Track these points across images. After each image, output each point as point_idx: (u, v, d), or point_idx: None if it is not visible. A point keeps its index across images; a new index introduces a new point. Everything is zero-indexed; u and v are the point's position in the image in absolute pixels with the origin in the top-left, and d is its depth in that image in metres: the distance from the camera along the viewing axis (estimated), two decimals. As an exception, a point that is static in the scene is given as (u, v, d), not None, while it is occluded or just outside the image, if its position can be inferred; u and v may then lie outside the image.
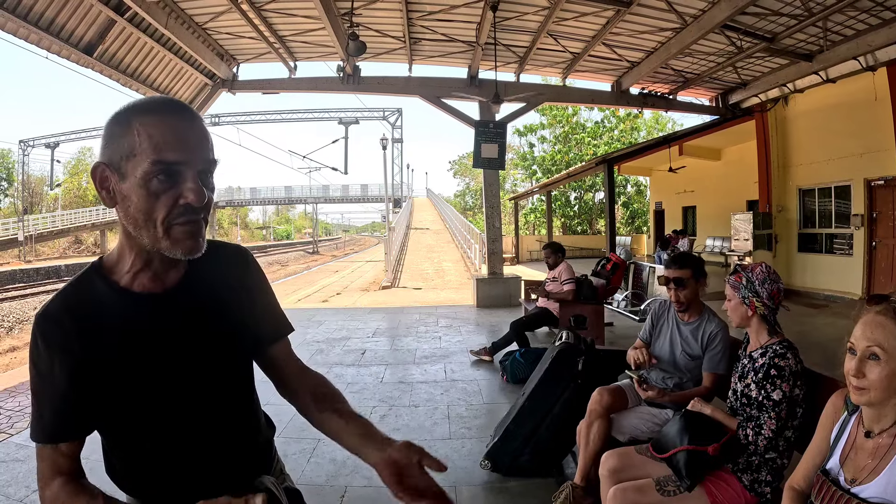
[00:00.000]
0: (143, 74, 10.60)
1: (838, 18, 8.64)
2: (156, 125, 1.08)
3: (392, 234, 22.75)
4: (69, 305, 1.15)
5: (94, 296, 1.17)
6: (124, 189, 1.09)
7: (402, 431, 4.60)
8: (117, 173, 1.09)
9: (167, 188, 1.09)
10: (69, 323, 1.13)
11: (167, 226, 1.10)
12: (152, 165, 1.06)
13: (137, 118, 1.08)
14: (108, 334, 1.15)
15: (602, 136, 38.86)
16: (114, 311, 1.17)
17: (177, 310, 1.23)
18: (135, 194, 1.08)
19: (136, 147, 1.07)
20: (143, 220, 1.09)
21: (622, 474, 2.60)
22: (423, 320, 9.89)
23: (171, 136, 1.08)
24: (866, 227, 11.07)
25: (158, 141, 1.07)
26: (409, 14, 9.48)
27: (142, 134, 1.07)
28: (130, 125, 1.08)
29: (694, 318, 3.17)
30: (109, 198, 1.12)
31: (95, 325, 1.14)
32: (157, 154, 1.07)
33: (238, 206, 73.55)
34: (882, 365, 1.52)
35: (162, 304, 1.22)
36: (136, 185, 1.08)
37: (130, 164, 1.07)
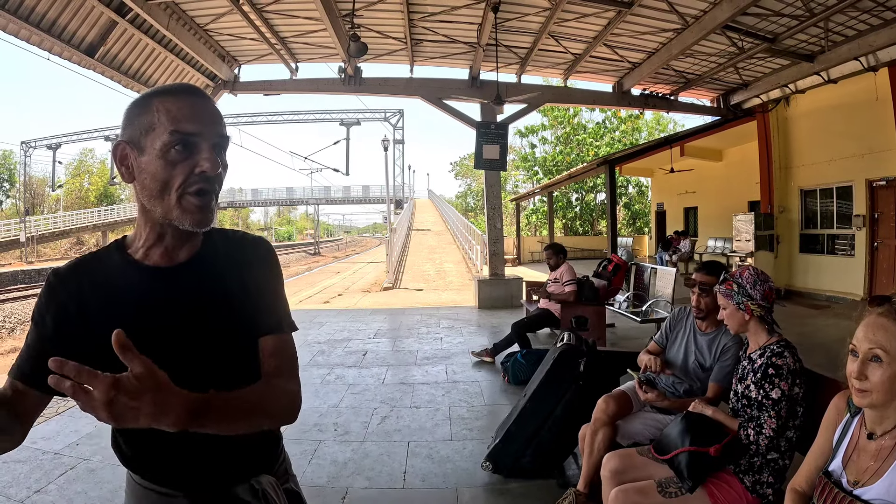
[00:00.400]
0: (145, 76, 10.62)
1: (840, 19, 8.62)
2: (173, 102, 1.17)
3: (393, 236, 22.75)
4: (79, 269, 1.26)
5: (105, 264, 1.27)
6: (143, 162, 1.17)
7: (404, 432, 4.60)
8: (136, 149, 1.18)
9: (184, 158, 1.17)
10: (73, 283, 1.22)
11: (181, 194, 1.17)
12: (170, 136, 1.15)
13: (157, 98, 1.18)
14: (109, 300, 1.22)
15: (603, 137, 38.82)
16: (120, 280, 1.24)
17: (181, 285, 1.28)
18: (153, 165, 1.16)
19: (155, 122, 1.16)
20: (159, 190, 1.17)
21: (624, 476, 2.60)
22: (424, 321, 9.89)
23: (187, 111, 1.17)
24: (868, 228, 11.04)
25: (176, 115, 1.16)
26: (410, 15, 9.47)
27: (160, 110, 1.16)
28: (150, 105, 1.18)
29: (711, 330, 3.15)
30: (128, 173, 1.20)
31: (99, 290, 1.22)
32: (174, 125, 1.15)
33: (240, 208, 73.59)
34: (884, 367, 1.52)
35: (167, 278, 1.27)
36: (154, 156, 1.16)
37: (149, 138, 1.16)
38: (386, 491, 3.62)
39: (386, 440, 4.42)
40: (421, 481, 3.73)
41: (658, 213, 25.18)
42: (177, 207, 1.18)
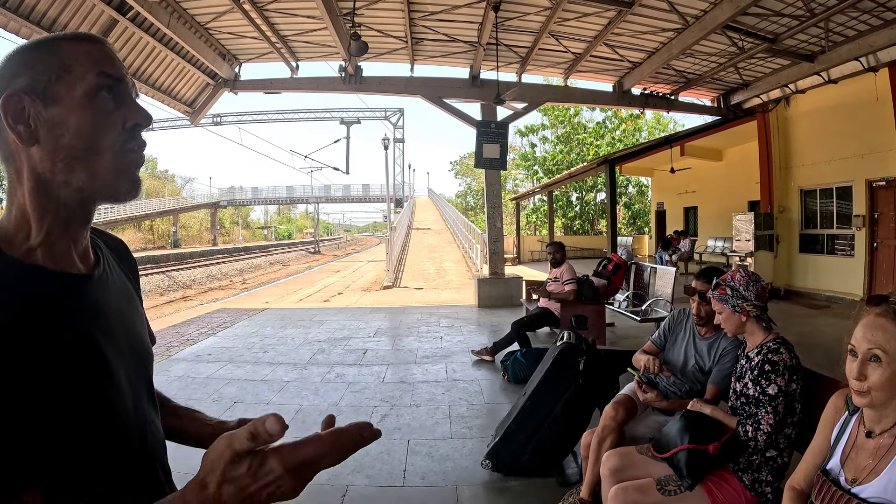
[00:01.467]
0: (146, 74, 10.62)
1: (840, 19, 8.63)
2: (89, 45, 0.93)
3: (393, 234, 22.75)
4: None
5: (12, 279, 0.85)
6: (55, 115, 0.88)
7: (404, 431, 4.61)
8: (41, 99, 0.88)
9: (113, 107, 0.92)
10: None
11: (114, 152, 0.91)
12: (98, 77, 0.91)
13: (65, 42, 0.92)
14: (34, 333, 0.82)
15: (604, 136, 38.84)
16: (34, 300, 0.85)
17: (103, 301, 0.98)
18: (74, 116, 0.88)
19: (70, 64, 0.90)
20: (83, 149, 0.89)
21: (623, 474, 2.61)
22: (424, 320, 9.90)
23: (109, 55, 0.94)
24: (868, 228, 11.05)
25: (98, 57, 0.93)
26: (410, 14, 9.48)
27: (76, 52, 0.91)
28: (57, 47, 0.91)
29: (711, 334, 3.16)
30: (28, 132, 0.87)
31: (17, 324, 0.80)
32: (100, 66, 0.92)
33: (240, 206, 73.72)
34: (883, 367, 1.53)
35: (94, 290, 0.97)
36: (75, 104, 0.89)
37: (64, 83, 0.89)
38: (386, 489, 3.63)
39: (386, 438, 4.42)
40: (421, 479, 3.74)
41: (658, 212, 25.18)
42: (112, 170, 0.91)
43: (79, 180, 0.90)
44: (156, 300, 20.79)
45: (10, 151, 0.90)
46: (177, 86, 11.63)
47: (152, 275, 25.93)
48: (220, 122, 41.17)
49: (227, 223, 78.10)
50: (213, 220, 66.60)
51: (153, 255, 36.70)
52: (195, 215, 69.95)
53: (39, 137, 0.88)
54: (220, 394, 5.63)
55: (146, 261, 33.21)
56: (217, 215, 67.55)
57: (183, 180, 77.56)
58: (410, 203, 48.99)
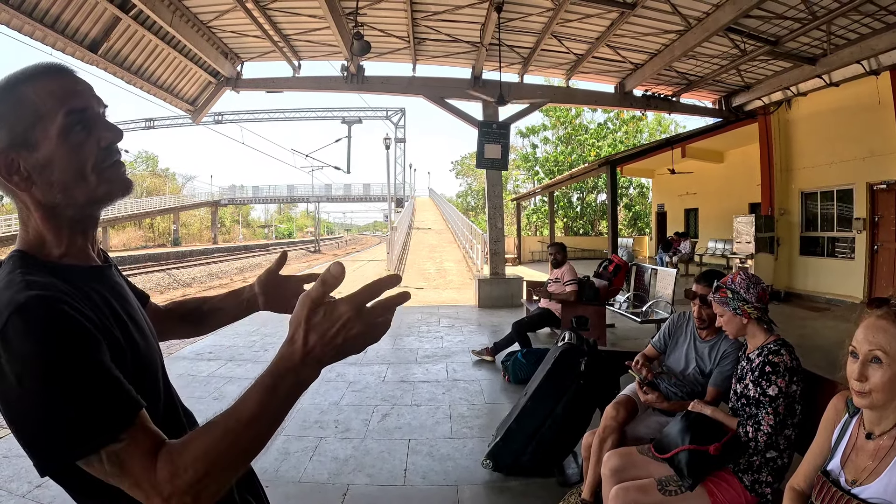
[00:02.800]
0: (148, 72, 10.63)
1: (842, 22, 8.64)
2: (50, 83, 1.02)
3: (394, 234, 22.76)
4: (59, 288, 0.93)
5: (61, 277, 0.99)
6: (41, 157, 1.00)
7: (404, 430, 4.62)
8: (24, 148, 0.99)
9: (86, 136, 1.03)
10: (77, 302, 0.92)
11: (99, 171, 1.04)
12: (66, 116, 1.00)
13: (24, 86, 1.01)
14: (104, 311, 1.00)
15: (605, 137, 38.85)
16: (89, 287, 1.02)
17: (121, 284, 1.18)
18: (58, 154, 1.00)
19: (40, 109, 0.99)
20: (74, 177, 1.02)
21: (624, 474, 2.62)
22: (424, 320, 9.90)
23: (69, 87, 1.03)
24: (868, 231, 11.06)
25: (60, 94, 1.01)
26: (413, 14, 9.49)
27: (40, 95, 1.00)
28: (21, 94, 1.00)
29: (712, 337, 3.17)
30: (23, 181, 1.01)
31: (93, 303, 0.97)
32: (66, 105, 1.01)
33: (240, 205, 73.68)
34: (884, 368, 1.54)
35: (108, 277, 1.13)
36: (55, 145, 1.00)
37: (39, 128, 0.99)
38: (387, 488, 3.64)
39: (387, 437, 4.44)
40: (421, 478, 3.75)
41: (659, 214, 25.18)
42: (102, 185, 1.05)
43: (80, 200, 1.04)
44: (156, 298, 20.26)
45: (13, 192, 1.04)
46: (179, 84, 11.64)
47: (153, 272, 25.91)
48: (222, 120, 41.15)
49: (227, 222, 78.10)
50: (214, 218, 66.57)
51: (153, 253, 36.74)
52: (196, 213, 69.97)
53: (35, 180, 1.01)
54: (222, 392, 5.64)
55: (146, 258, 33.27)
56: (218, 214, 67.53)
57: (184, 178, 77.47)
58: (411, 203, 48.99)
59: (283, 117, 47.59)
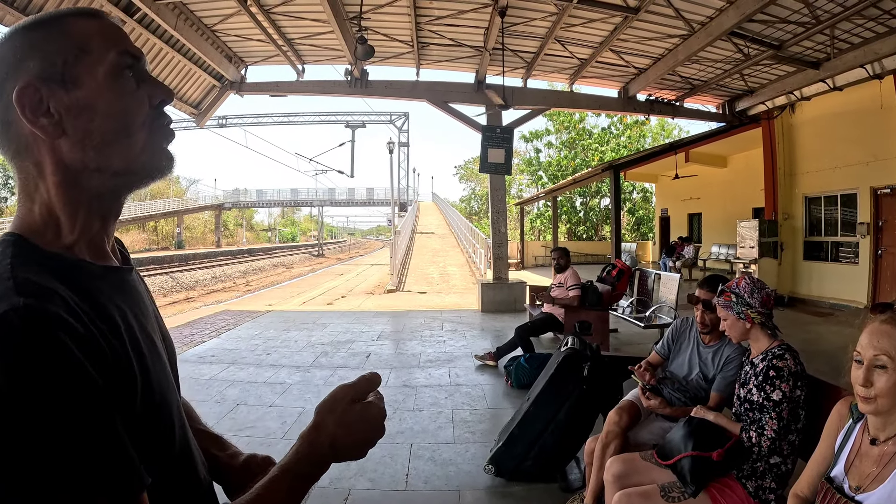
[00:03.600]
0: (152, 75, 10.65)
1: (845, 26, 8.63)
2: (100, 22, 0.87)
3: (397, 238, 22.80)
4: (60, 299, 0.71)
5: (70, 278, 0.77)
6: (79, 99, 0.80)
7: (407, 435, 4.60)
8: (60, 85, 0.79)
9: (136, 87, 0.86)
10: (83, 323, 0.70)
11: (150, 130, 0.87)
12: (120, 56, 0.84)
13: (72, 19, 0.84)
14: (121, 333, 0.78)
15: (608, 142, 38.85)
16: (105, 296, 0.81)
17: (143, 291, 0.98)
18: (103, 98, 0.82)
19: (87, 43, 0.82)
20: (116, 132, 0.83)
21: (627, 480, 2.61)
22: (427, 324, 9.90)
23: (121, 34, 0.89)
24: (872, 236, 11.03)
25: (114, 35, 0.86)
26: (417, 18, 9.51)
27: (88, 31, 0.84)
28: (67, 26, 0.83)
29: (715, 342, 3.16)
30: (53, 125, 0.79)
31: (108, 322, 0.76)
32: (120, 45, 0.86)
33: (244, 208, 73.82)
34: (889, 373, 1.53)
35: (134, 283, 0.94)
36: (100, 86, 0.82)
37: (83, 64, 0.81)
38: (388, 493, 3.63)
39: (389, 442, 4.42)
40: (423, 483, 3.74)
41: (662, 218, 25.17)
42: (147, 149, 0.86)
43: (115, 165, 0.84)
44: (159, 301, 20.58)
45: (25, 145, 0.81)
46: (183, 87, 11.67)
47: (156, 275, 25.97)
48: (226, 124, 41.36)
49: (231, 225, 78.25)
50: (218, 221, 66.69)
51: (157, 256, 36.79)
52: (199, 217, 70.08)
53: (66, 127, 0.80)
54: (223, 395, 5.64)
55: (150, 261, 33.28)
56: (221, 217, 67.65)
57: (187, 182, 77.55)
58: (414, 207, 49.12)
59: (287, 121, 47.83)
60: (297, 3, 8.95)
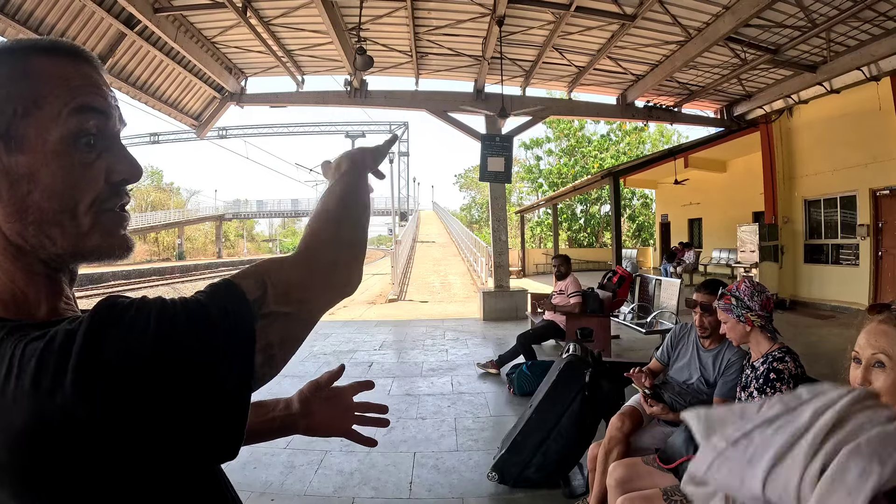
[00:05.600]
0: (153, 87, 10.71)
1: (841, 29, 8.67)
2: (67, 65, 0.71)
3: (398, 248, 22.79)
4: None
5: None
6: (20, 165, 0.67)
7: (410, 443, 4.60)
8: (2, 140, 0.67)
9: (95, 157, 0.71)
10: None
11: (97, 212, 0.72)
12: (79, 118, 0.69)
13: (35, 57, 0.70)
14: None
15: (608, 149, 38.92)
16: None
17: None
18: (47, 169, 0.67)
19: (44, 95, 0.68)
20: (58, 209, 0.69)
21: (629, 485, 2.62)
22: (429, 333, 9.89)
23: (92, 78, 0.73)
24: (872, 238, 11.04)
25: (79, 84, 0.71)
26: (415, 29, 9.56)
27: (51, 75, 0.69)
28: (29, 64, 0.69)
29: (714, 346, 3.16)
30: None
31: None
32: (81, 98, 0.70)
33: (245, 219, 73.84)
34: (888, 372, 1.54)
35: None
36: (47, 153, 0.67)
37: (34, 121, 0.67)
38: (392, 501, 3.63)
39: (392, 451, 4.43)
40: (427, 491, 3.73)
41: (662, 224, 25.18)
42: (95, 232, 0.72)
43: (58, 246, 0.70)
44: None
45: None
46: (183, 99, 11.73)
47: (157, 286, 25.97)
48: (226, 135, 41.47)
49: (232, 236, 78.24)
50: (218, 232, 66.75)
51: (158, 267, 36.83)
52: (200, 228, 70.16)
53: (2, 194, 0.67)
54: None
55: (151, 273, 33.33)
56: (222, 228, 67.72)
57: (188, 193, 77.76)
58: (415, 216, 49.08)
59: (287, 132, 47.92)
60: (297, 14, 8.99)
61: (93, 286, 25.35)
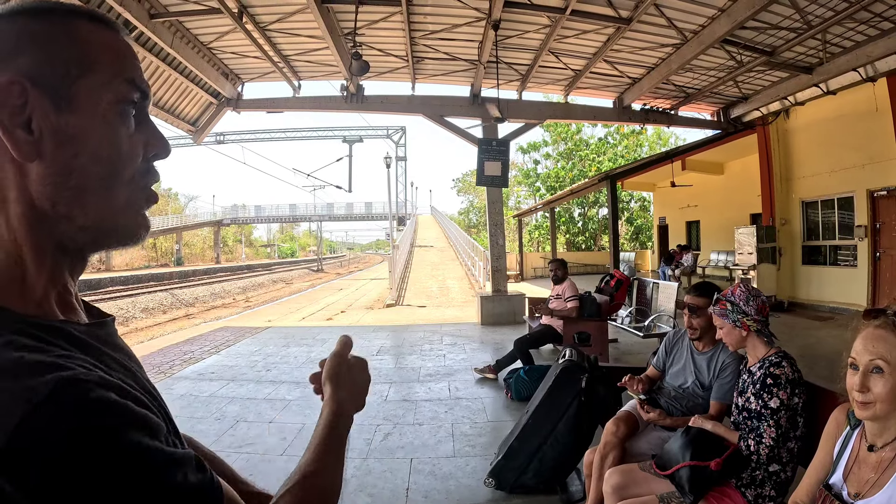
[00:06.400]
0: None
1: (837, 30, 8.68)
2: (114, 38, 0.71)
3: (396, 252, 22.79)
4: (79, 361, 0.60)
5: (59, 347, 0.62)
6: (71, 125, 0.64)
7: (406, 449, 4.58)
8: (52, 98, 0.64)
9: (136, 129, 0.71)
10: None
11: (134, 187, 0.71)
12: (129, 86, 0.70)
13: (84, 23, 0.69)
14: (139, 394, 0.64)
15: (605, 152, 38.95)
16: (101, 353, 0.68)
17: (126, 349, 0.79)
18: (97, 133, 0.66)
19: (94, 60, 0.67)
20: (100, 178, 0.67)
21: (626, 491, 2.60)
22: (427, 338, 9.87)
23: (135, 56, 0.73)
24: (870, 238, 11.04)
25: (126, 58, 0.71)
26: (411, 33, 9.56)
27: (100, 42, 0.69)
28: (77, 29, 0.68)
29: (708, 349, 3.15)
30: (28, 142, 0.63)
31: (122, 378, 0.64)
32: (129, 72, 0.71)
33: (243, 224, 73.94)
34: (886, 378, 1.53)
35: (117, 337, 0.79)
36: (100, 118, 0.67)
37: (87, 84, 0.66)
38: (389, 509, 3.61)
39: (389, 457, 4.40)
40: (423, 497, 3.71)
41: (660, 227, 25.20)
42: (127, 209, 0.71)
43: (88, 218, 0.67)
44: (159, 318, 20.81)
45: None
46: (180, 105, 11.72)
47: (155, 292, 25.95)
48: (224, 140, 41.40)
49: (230, 241, 78.33)
50: (217, 237, 66.81)
51: (157, 273, 36.80)
52: (198, 233, 70.23)
53: (44, 151, 0.64)
54: (223, 412, 5.61)
55: (149, 278, 33.29)
56: (220, 233, 67.78)
57: (186, 198, 77.89)
58: (413, 221, 49.16)
59: (285, 137, 47.96)
60: (293, 20, 9.00)
61: (91, 292, 25.32)
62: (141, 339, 13.91)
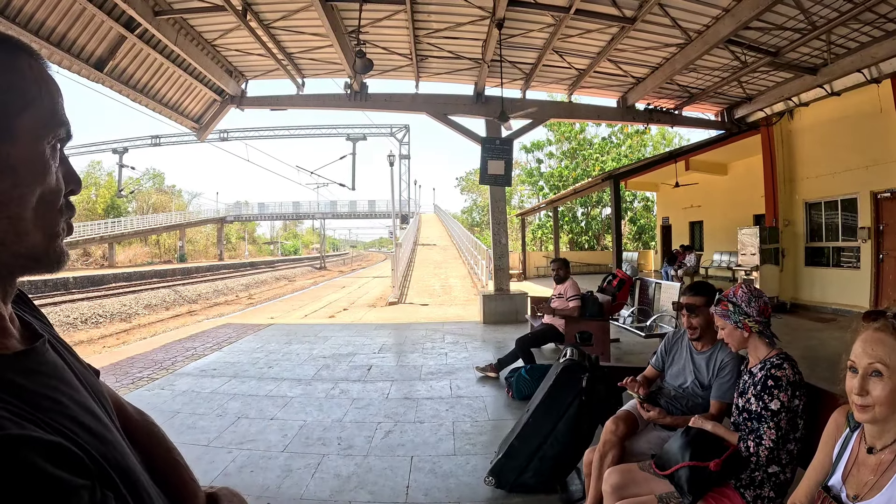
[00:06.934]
0: (153, 90, 10.73)
1: (842, 31, 8.66)
2: (46, 72, 0.73)
3: (399, 250, 22.78)
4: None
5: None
6: (12, 156, 0.67)
7: (407, 447, 4.58)
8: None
9: (59, 164, 0.74)
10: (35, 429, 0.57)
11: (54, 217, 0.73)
12: (59, 124, 0.73)
13: (22, 55, 0.71)
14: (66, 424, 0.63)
15: (609, 152, 38.91)
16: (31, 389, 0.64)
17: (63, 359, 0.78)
18: (33, 167, 0.69)
19: (33, 92, 0.70)
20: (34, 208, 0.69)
21: (625, 491, 2.60)
22: (429, 336, 9.87)
23: (60, 93, 0.75)
24: (873, 240, 11.02)
25: (57, 92, 0.74)
26: (415, 32, 9.56)
27: (36, 77, 0.71)
28: (16, 61, 0.70)
29: (707, 348, 3.16)
30: None
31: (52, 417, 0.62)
32: (60, 109, 0.73)
33: (246, 221, 74.03)
34: (885, 381, 1.53)
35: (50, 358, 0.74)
36: (39, 150, 0.70)
37: (27, 116, 0.68)
38: (391, 508, 3.62)
39: (389, 454, 4.41)
40: (424, 496, 3.71)
41: (663, 227, 25.16)
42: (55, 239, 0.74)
43: (20, 245, 0.69)
44: (161, 314, 20.87)
45: None
46: (184, 102, 11.74)
47: (158, 289, 26.00)
48: (227, 137, 41.49)
49: (233, 238, 78.42)
50: (220, 235, 66.87)
51: (160, 269, 36.89)
52: (202, 230, 70.33)
53: None
54: (225, 409, 5.63)
55: (153, 275, 33.37)
56: (223, 230, 67.85)
57: (189, 195, 77.97)
58: (416, 219, 49.12)
59: (288, 134, 47.96)
60: (297, 17, 9.01)
61: (94, 288, 25.39)
62: (143, 335, 13.95)
